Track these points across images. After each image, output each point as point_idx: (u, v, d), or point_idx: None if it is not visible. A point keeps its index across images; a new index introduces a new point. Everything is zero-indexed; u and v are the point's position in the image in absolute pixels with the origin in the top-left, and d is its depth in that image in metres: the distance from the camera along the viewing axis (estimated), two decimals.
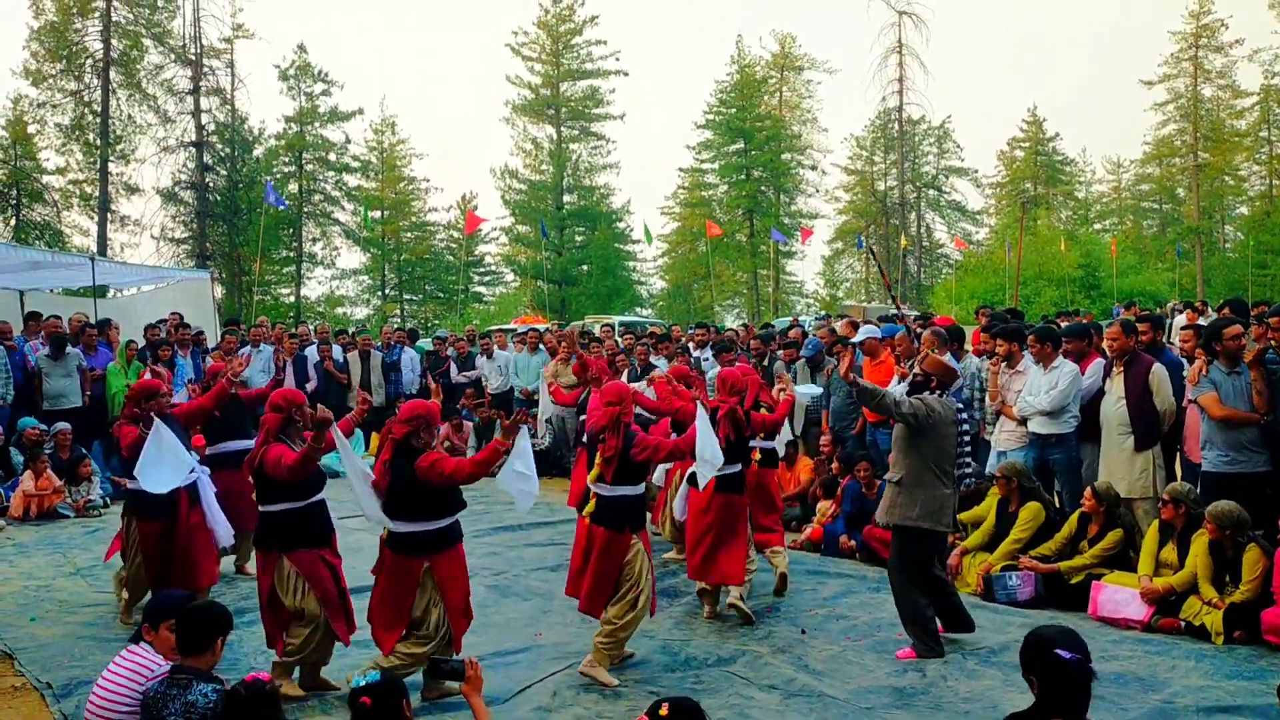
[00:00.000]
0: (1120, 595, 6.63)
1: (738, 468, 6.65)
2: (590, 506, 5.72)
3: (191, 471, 6.52)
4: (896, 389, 9.26)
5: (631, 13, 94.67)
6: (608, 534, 5.63)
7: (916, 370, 6.17)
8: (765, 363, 11.46)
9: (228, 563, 7.79)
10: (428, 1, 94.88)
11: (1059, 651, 3.40)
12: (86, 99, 36.83)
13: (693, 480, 6.73)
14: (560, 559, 8.61)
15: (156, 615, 4.31)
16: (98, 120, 36.66)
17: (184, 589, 5.49)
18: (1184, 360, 7.89)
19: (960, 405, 6.02)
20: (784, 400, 7.22)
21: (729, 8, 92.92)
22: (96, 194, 37.18)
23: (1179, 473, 7.70)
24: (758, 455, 7.27)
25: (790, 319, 25.90)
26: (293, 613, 5.33)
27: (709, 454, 5.83)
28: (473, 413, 13.86)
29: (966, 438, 5.79)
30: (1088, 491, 7.20)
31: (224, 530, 6.75)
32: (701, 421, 5.89)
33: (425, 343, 17.37)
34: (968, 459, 6.14)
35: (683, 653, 6.06)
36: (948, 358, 8.52)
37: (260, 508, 5.46)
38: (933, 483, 5.85)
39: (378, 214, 48.91)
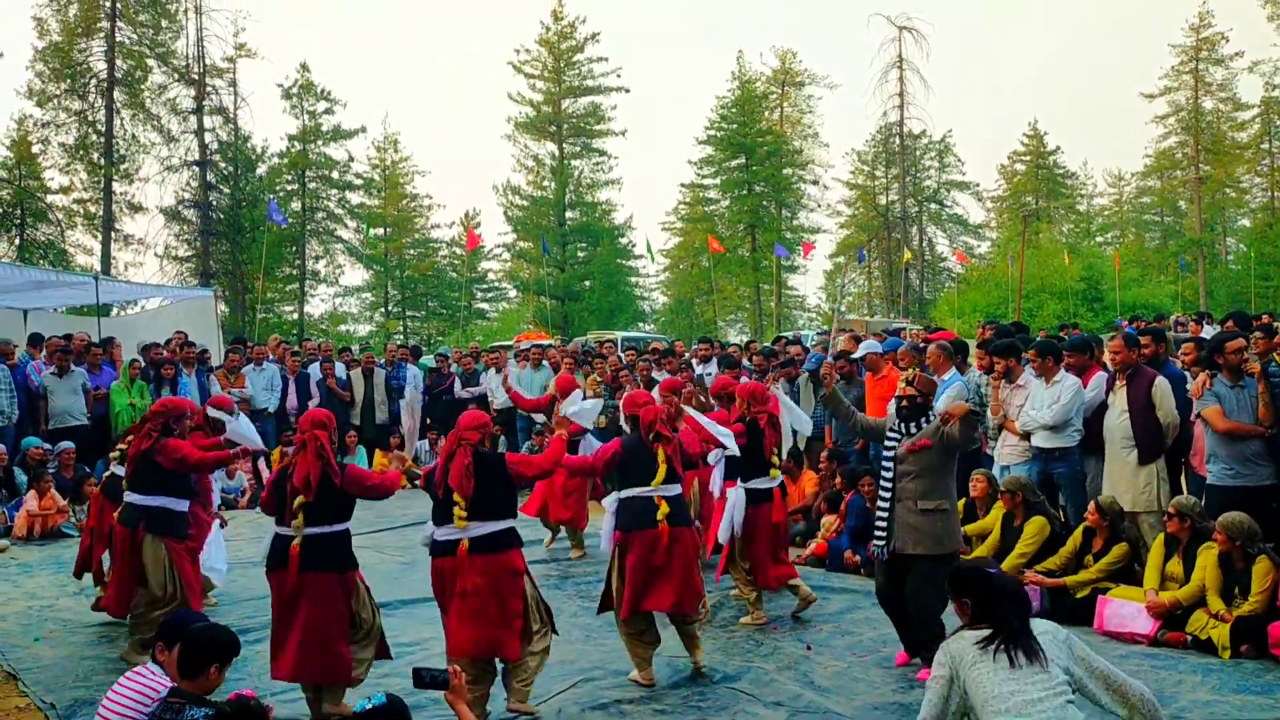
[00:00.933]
0: (1126, 609, 6.60)
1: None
2: (665, 509, 5.82)
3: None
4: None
5: (633, 29, 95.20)
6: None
7: (914, 391, 5.83)
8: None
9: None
10: (430, 20, 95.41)
11: (989, 570, 3.73)
12: (91, 118, 37.05)
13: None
14: (564, 574, 8.61)
15: (172, 634, 4.24)
16: (102, 139, 36.87)
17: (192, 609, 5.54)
18: (1186, 373, 7.88)
19: None
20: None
21: (729, 24, 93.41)
22: (100, 213, 37.37)
23: (1184, 486, 7.68)
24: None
25: (792, 333, 25.86)
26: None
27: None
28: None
29: None
30: (1091, 506, 7.19)
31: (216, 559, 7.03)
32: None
33: (429, 359, 17.39)
34: None
35: (688, 669, 6.05)
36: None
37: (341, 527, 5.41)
38: (954, 503, 5.90)
39: (380, 231, 49.07)
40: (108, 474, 7.67)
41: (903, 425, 5.85)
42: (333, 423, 5.53)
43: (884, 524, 5.81)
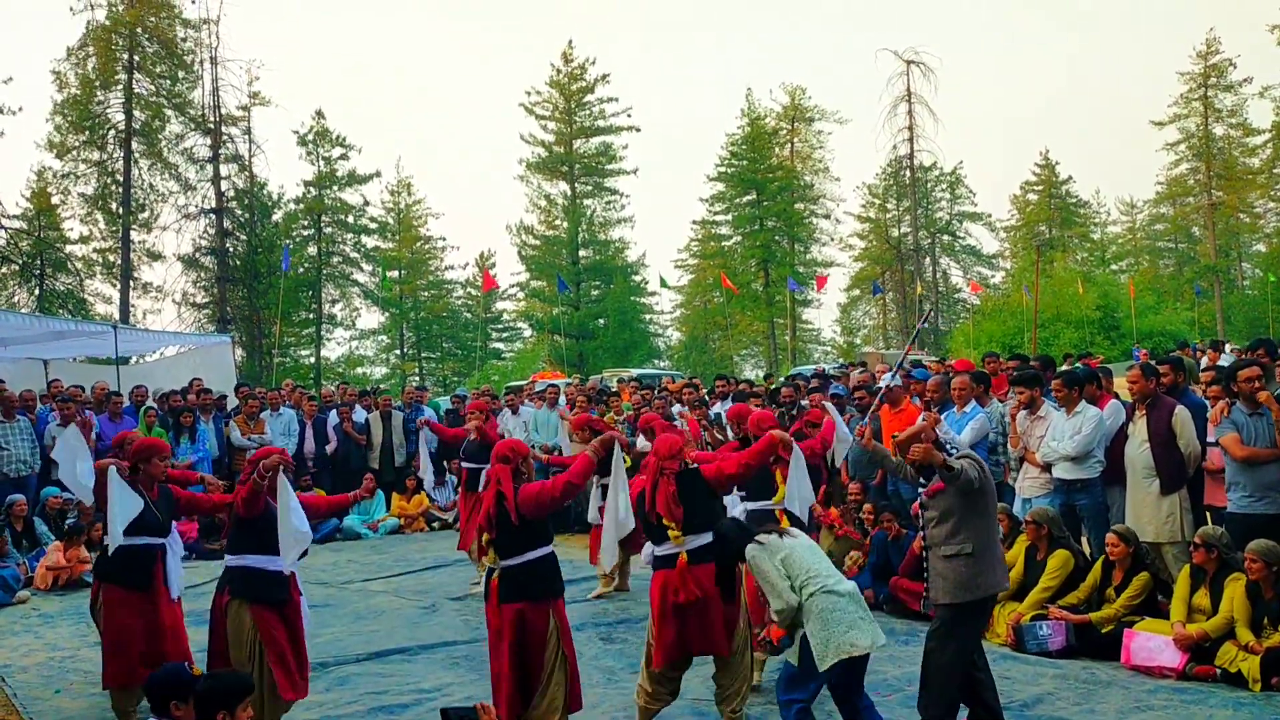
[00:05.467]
0: (1153, 643, 6.51)
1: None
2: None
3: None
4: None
5: (642, 69, 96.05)
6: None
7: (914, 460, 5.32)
8: (794, 413, 11.42)
9: None
10: (442, 63, 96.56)
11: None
12: (109, 169, 37.56)
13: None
14: (585, 617, 8.56)
15: (164, 697, 4.10)
16: (120, 189, 37.34)
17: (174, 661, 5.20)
18: (1206, 401, 7.83)
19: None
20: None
21: (738, 61, 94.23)
22: (119, 262, 37.77)
23: (1208, 517, 7.60)
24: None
25: (813, 368, 25.80)
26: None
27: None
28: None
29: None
30: (1111, 537, 7.11)
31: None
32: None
33: (443, 400, 17.41)
34: None
35: (710, 710, 5.98)
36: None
37: None
38: (994, 544, 5.31)
39: (395, 274, 49.39)
40: None
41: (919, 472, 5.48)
42: (516, 454, 5.20)
43: (926, 575, 5.45)
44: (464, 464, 9.83)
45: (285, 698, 5.30)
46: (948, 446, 5.33)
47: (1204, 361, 15.84)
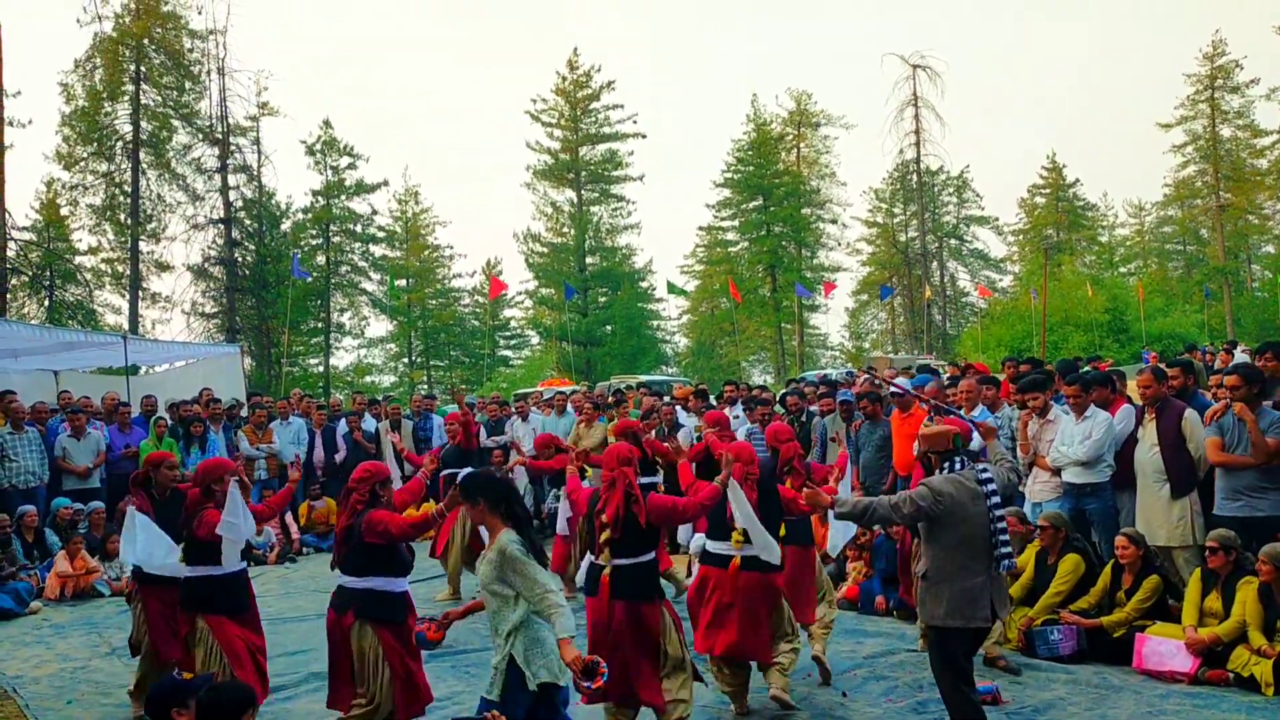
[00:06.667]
0: (1165, 647, 6.49)
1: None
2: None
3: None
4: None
5: (648, 75, 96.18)
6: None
7: (918, 450, 5.36)
8: (802, 419, 11.41)
9: None
10: (448, 72, 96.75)
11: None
12: (117, 180, 37.74)
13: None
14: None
15: (164, 706, 4.11)
16: (128, 200, 37.50)
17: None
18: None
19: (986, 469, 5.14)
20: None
21: (744, 67, 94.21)
22: (128, 272, 37.93)
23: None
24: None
25: (817, 373, 25.77)
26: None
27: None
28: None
29: (999, 511, 5.02)
30: (1120, 540, 7.09)
31: None
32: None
33: (451, 408, 17.39)
34: (1004, 536, 5.07)
35: (722, 716, 5.98)
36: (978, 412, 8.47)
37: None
38: (958, 574, 4.97)
39: (403, 282, 49.50)
40: None
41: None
42: (634, 455, 5.48)
43: None
44: (443, 471, 9.82)
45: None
46: (887, 503, 5.09)
47: (1216, 364, 15.76)
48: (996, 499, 5.02)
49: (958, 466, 5.09)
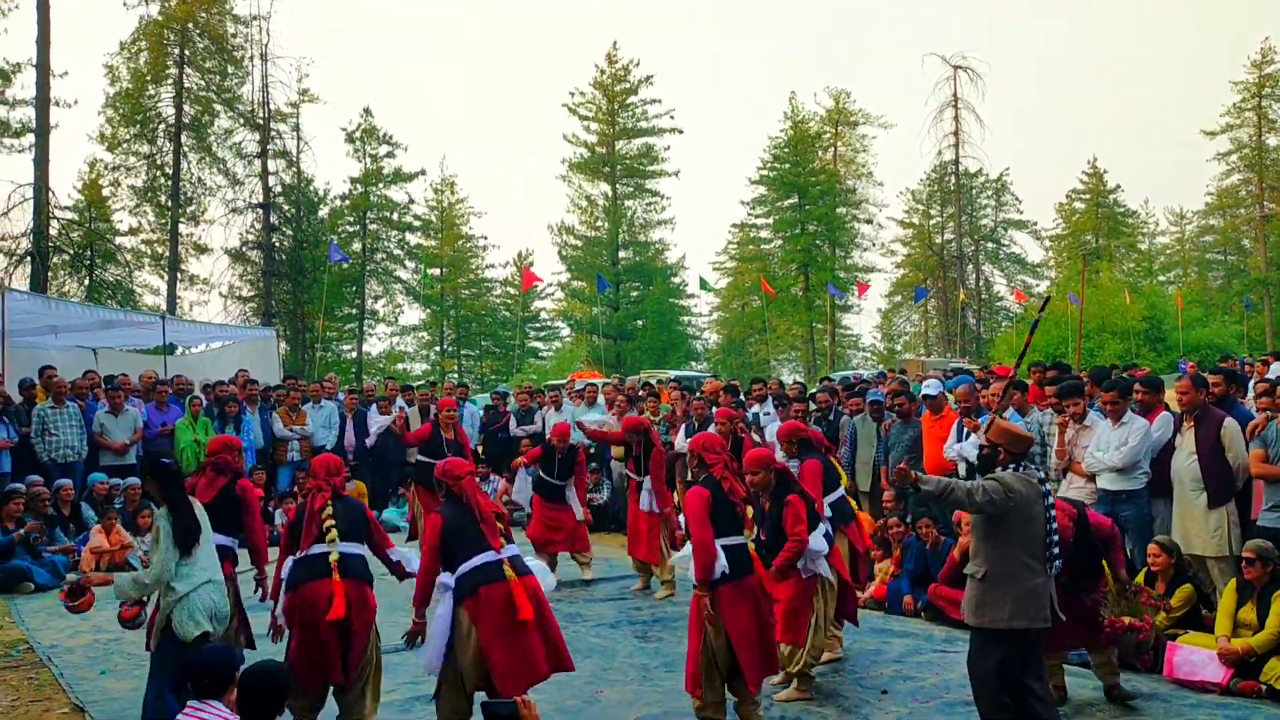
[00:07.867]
0: (1197, 656, 6.41)
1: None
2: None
3: None
4: (954, 449, 9.12)
5: (686, 71, 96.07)
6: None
7: (982, 441, 5.35)
8: (830, 418, 11.37)
9: None
10: (487, 63, 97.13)
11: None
12: (159, 162, 38.16)
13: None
14: (621, 615, 8.57)
15: (223, 678, 4.21)
16: (169, 183, 37.94)
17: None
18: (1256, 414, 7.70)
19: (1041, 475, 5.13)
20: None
21: (782, 65, 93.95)
22: (167, 254, 38.41)
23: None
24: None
25: (853, 374, 25.66)
26: None
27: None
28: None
29: (1053, 512, 5.00)
30: (1153, 548, 7.00)
31: None
32: None
33: (484, 397, 17.50)
34: (1055, 537, 5.04)
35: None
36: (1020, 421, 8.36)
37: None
38: (1023, 573, 4.92)
39: (436, 271, 49.77)
40: None
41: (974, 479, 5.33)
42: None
43: None
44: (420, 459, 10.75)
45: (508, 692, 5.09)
46: (965, 487, 5.02)
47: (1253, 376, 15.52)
48: (1051, 500, 5.07)
49: (1025, 467, 5.12)
